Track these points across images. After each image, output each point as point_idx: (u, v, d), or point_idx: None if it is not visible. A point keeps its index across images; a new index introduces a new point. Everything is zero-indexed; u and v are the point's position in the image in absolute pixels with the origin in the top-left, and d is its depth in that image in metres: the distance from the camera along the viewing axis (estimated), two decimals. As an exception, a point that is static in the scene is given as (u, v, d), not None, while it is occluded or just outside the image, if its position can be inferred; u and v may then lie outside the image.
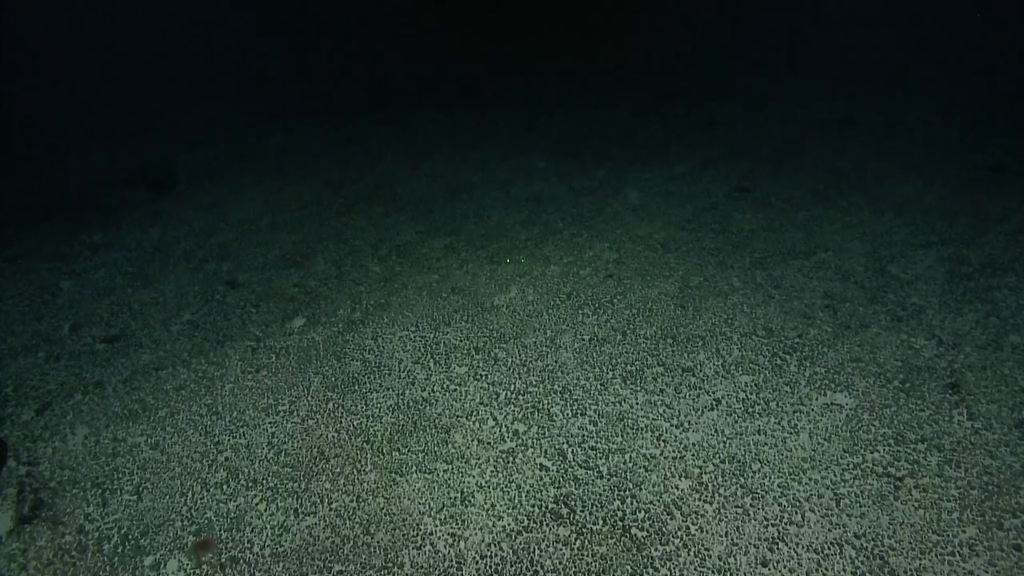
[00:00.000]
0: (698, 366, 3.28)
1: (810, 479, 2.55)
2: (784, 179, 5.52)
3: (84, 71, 11.99)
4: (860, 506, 2.40)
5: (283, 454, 2.86)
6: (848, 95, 8.10)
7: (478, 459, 2.79)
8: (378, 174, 6.36)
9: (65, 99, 10.48)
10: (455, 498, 2.60)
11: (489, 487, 2.65)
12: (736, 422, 2.89)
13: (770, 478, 2.58)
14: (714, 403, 3.02)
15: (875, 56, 9.98)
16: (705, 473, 2.64)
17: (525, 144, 7.06)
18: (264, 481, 2.72)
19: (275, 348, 3.63)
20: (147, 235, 5.19)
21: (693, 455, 2.74)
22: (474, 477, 2.70)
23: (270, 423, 3.05)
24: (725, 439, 2.81)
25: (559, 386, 3.20)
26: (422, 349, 3.53)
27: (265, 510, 2.58)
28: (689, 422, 2.93)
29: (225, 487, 2.71)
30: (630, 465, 2.72)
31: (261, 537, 2.45)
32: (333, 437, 2.94)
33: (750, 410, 2.95)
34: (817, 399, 2.96)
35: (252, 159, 7.16)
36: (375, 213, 5.41)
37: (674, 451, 2.77)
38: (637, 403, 3.06)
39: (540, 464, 2.76)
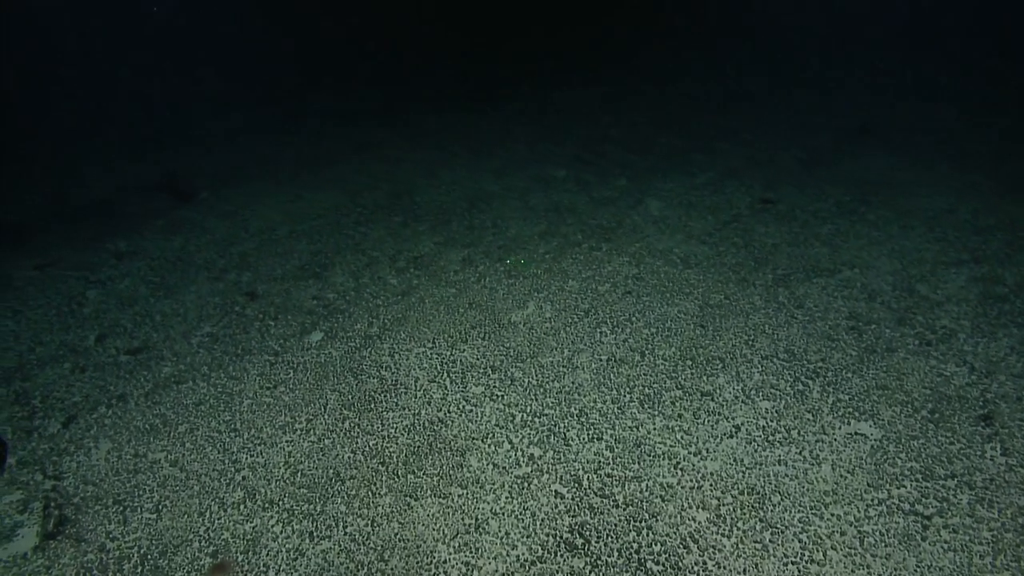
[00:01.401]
0: (717, 390, 3.22)
1: (832, 514, 2.49)
2: (809, 190, 5.40)
3: (100, 78, 12.23)
4: (885, 546, 2.34)
5: (299, 474, 2.88)
6: (874, 102, 7.90)
7: (493, 484, 2.78)
8: (396, 182, 6.37)
9: (83, 106, 10.70)
10: (469, 525, 2.59)
11: (504, 514, 2.63)
12: (756, 451, 2.83)
13: (791, 512, 2.52)
14: (733, 430, 2.97)
15: (901, 61, 9.72)
16: (723, 505, 2.59)
17: (544, 152, 7.01)
18: (280, 502, 2.74)
19: (293, 363, 3.65)
20: (170, 244, 5.27)
21: (711, 485, 2.69)
22: (489, 503, 2.69)
23: (287, 441, 3.07)
24: (744, 469, 2.75)
25: (575, 409, 3.17)
26: (439, 367, 3.53)
27: (281, 532, 2.60)
28: (707, 450, 2.88)
29: (242, 507, 2.73)
30: (646, 494, 2.68)
31: (276, 561, 2.47)
32: (349, 458, 2.95)
33: (771, 438, 2.89)
34: (840, 428, 2.89)
35: (271, 166, 7.23)
36: (393, 223, 5.42)
37: (692, 480, 2.73)
38: (654, 428, 3.02)
39: (555, 491, 2.73)
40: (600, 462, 2.86)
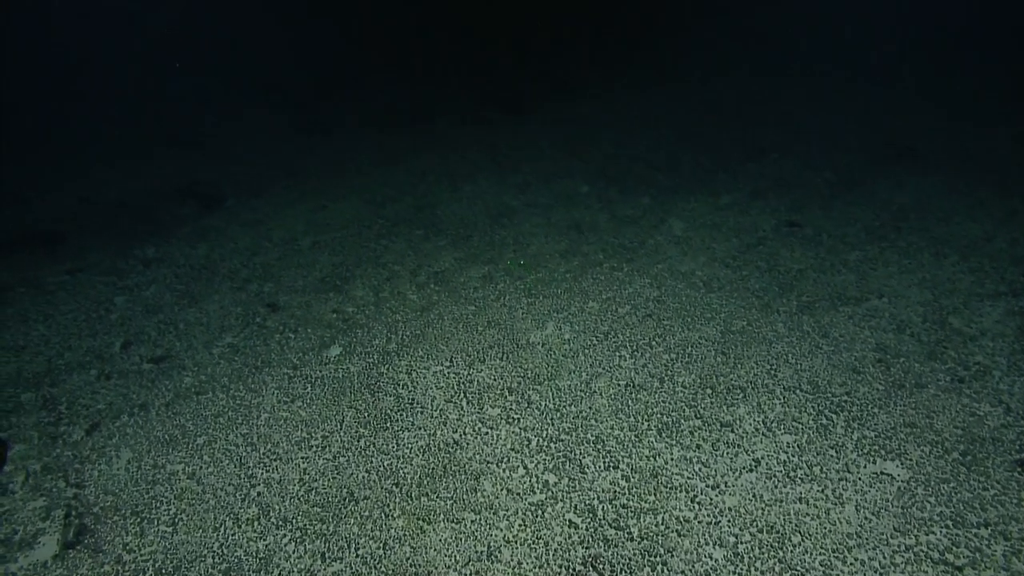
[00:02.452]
0: (737, 421, 3.15)
1: (856, 559, 2.41)
2: (837, 214, 5.29)
3: (125, 84, 12.57)
4: (911, 596, 2.25)
5: (313, 492, 2.88)
6: (911, 122, 7.72)
7: (506, 510, 2.75)
8: (419, 195, 6.41)
9: (107, 111, 11.01)
10: (482, 552, 2.57)
11: (516, 542, 2.60)
12: (776, 487, 2.76)
13: (811, 554, 2.44)
14: (753, 464, 2.89)
15: (939, 81, 9.49)
16: (741, 543, 2.52)
17: (568, 167, 7.00)
18: (294, 520, 2.75)
19: (311, 377, 3.67)
20: (195, 252, 5.37)
21: (729, 521, 2.63)
22: (501, 530, 2.66)
23: (302, 458, 3.08)
24: (764, 505, 2.68)
25: (592, 435, 3.13)
26: (455, 387, 3.52)
27: (293, 552, 2.60)
28: (726, 483, 2.81)
29: (256, 524, 2.74)
30: (662, 528, 2.63)
31: (288, 582, 2.47)
32: (363, 477, 2.94)
33: (792, 474, 2.82)
34: (865, 467, 2.80)
35: (296, 175, 7.33)
36: (415, 236, 5.44)
37: (709, 515, 2.67)
38: (672, 459, 2.96)
39: (569, 520, 2.70)
40: (616, 492, 2.81)
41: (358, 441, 3.17)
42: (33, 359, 4.11)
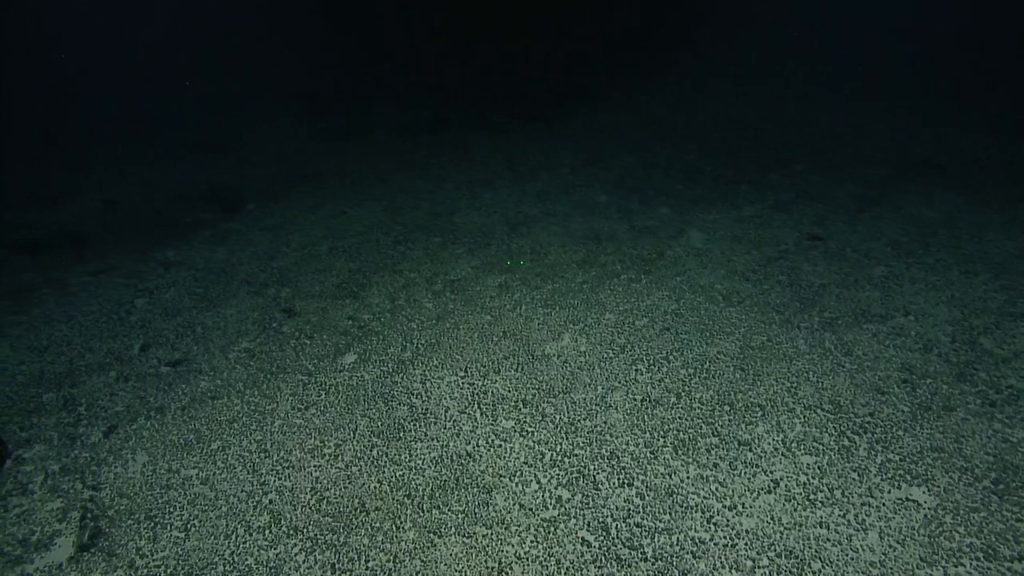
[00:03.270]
0: (756, 440, 3.08)
1: (879, 589, 2.32)
2: (862, 227, 5.17)
3: (151, 91, 12.83)
4: (937, 630, 2.16)
5: (325, 502, 2.87)
6: (941, 135, 7.55)
7: (518, 526, 2.71)
8: (437, 202, 6.42)
9: (135, 118, 11.25)
10: (492, 568, 2.53)
11: (528, 559, 2.56)
12: (796, 510, 2.68)
13: (833, 582, 2.36)
14: (772, 485, 2.82)
15: (970, 93, 9.28)
16: (759, 567, 2.45)
17: (586, 176, 6.96)
18: (305, 530, 2.73)
19: (325, 384, 3.67)
20: (214, 255, 5.42)
21: (746, 544, 2.56)
22: (513, 546, 2.62)
23: (315, 466, 3.07)
24: (783, 529, 2.61)
25: (607, 451, 3.08)
26: (470, 397, 3.49)
27: (303, 562, 2.59)
28: (743, 505, 2.74)
29: (267, 532, 2.74)
30: (677, 549, 2.57)
31: (297, 593, 2.46)
32: (375, 488, 2.93)
33: (812, 497, 2.74)
34: (890, 492, 2.71)
35: (315, 181, 7.40)
36: (432, 244, 5.44)
37: (726, 537, 2.60)
38: (688, 477, 2.90)
39: (582, 538, 2.65)
40: (630, 510, 2.76)
41: (371, 450, 3.16)
42: (56, 360, 4.17)
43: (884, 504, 2.65)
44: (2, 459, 3.10)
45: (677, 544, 2.58)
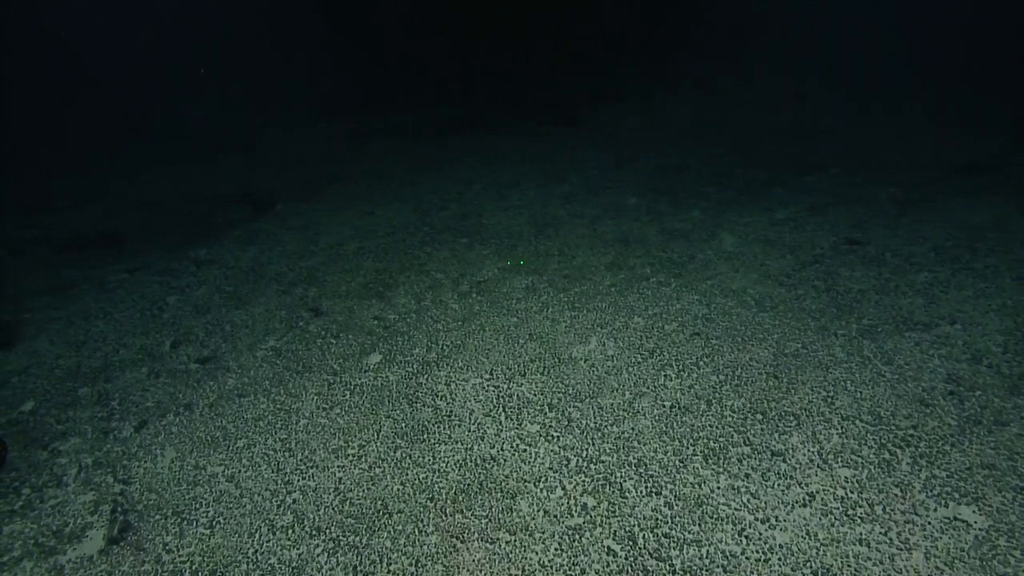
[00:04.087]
0: (790, 451, 2.96)
1: (924, 612, 2.20)
2: (903, 232, 4.97)
3: (186, 97, 13.20)
4: (988, 659, 2.03)
5: (348, 503, 2.86)
6: (987, 135, 7.24)
7: (543, 533, 2.65)
8: (464, 203, 6.41)
9: (171, 123, 11.58)
10: (515, 576, 2.47)
11: (552, 567, 2.50)
12: (833, 525, 2.56)
13: (874, 603, 2.25)
14: (807, 498, 2.70)
15: (989, 97, 8.89)
16: (795, 585, 2.34)
17: (615, 178, 6.87)
18: (327, 531, 2.72)
19: (350, 384, 3.67)
20: (244, 254, 5.50)
21: (780, 559, 2.45)
22: (537, 554, 2.56)
23: (339, 467, 3.07)
24: (819, 545, 2.49)
25: (634, 458, 3.00)
26: (495, 400, 3.45)
27: (326, 563, 2.57)
28: (777, 518, 2.63)
29: (290, 532, 2.73)
30: (707, 562, 2.47)
31: (319, 594, 2.44)
32: (398, 490, 2.90)
33: (850, 512, 2.61)
34: (936, 510, 2.57)
35: (342, 182, 7.46)
36: (459, 245, 5.42)
37: (758, 551, 2.49)
38: (719, 487, 2.80)
39: (608, 547, 2.57)
40: (658, 519, 2.68)
41: (394, 452, 3.14)
42: (92, 355, 4.27)
43: (930, 523, 2.52)
44: (2, 459, 3.15)
45: (707, 557, 2.49)
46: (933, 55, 10.89)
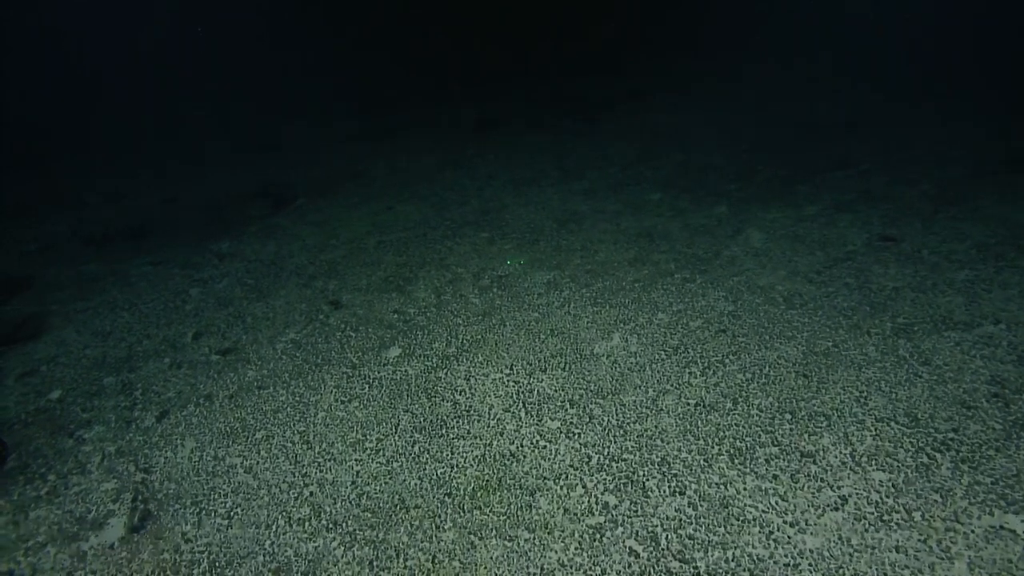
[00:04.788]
0: (821, 452, 2.85)
1: (966, 624, 2.08)
2: (940, 229, 4.78)
3: (211, 95, 13.42)
4: (1037, 676, 1.91)
5: (365, 496, 2.82)
6: (1011, 134, 6.95)
7: (562, 531, 2.58)
8: (485, 198, 6.36)
9: (197, 121, 11.78)
10: (534, 574, 2.41)
11: (571, 567, 2.43)
12: (867, 531, 2.45)
13: (911, 614, 2.14)
14: (839, 502, 2.59)
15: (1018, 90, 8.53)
16: (827, 592, 2.24)
17: (637, 175, 6.76)
18: (344, 524, 2.69)
19: (369, 378, 3.65)
20: (266, 248, 5.53)
21: (811, 565, 2.35)
22: (556, 553, 2.49)
23: (356, 460, 3.04)
24: (852, 551, 2.38)
25: (657, 456, 2.91)
26: (515, 396, 3.39)
27: (342, 557, 2.54)
28: (807, 521, 2.52)
29: (307, 524, 2.71)
30: (732, 565, 2.38)
31: (335, 588, 2.41)
32: (415, 485, 2.86)
33: (886, 518, 2.49)
34: (980, 518, 2.44)
35: (362, 178, 7.47)
36: (480, 239, 5.38)
37: (787, 556, 2.39)
38: (745, 488, 2.70)
39: (629, 548, 2.50)
40: (681, 520, 2.59)
41: (412, 446, 3.10)
42: (116, 345, 4.32)
43: (974, 531, 2.39)
44: (2, 459, 3.14)
45: (733, 560, 2.40)
46: (958, 42, 10.54)
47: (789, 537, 2.47)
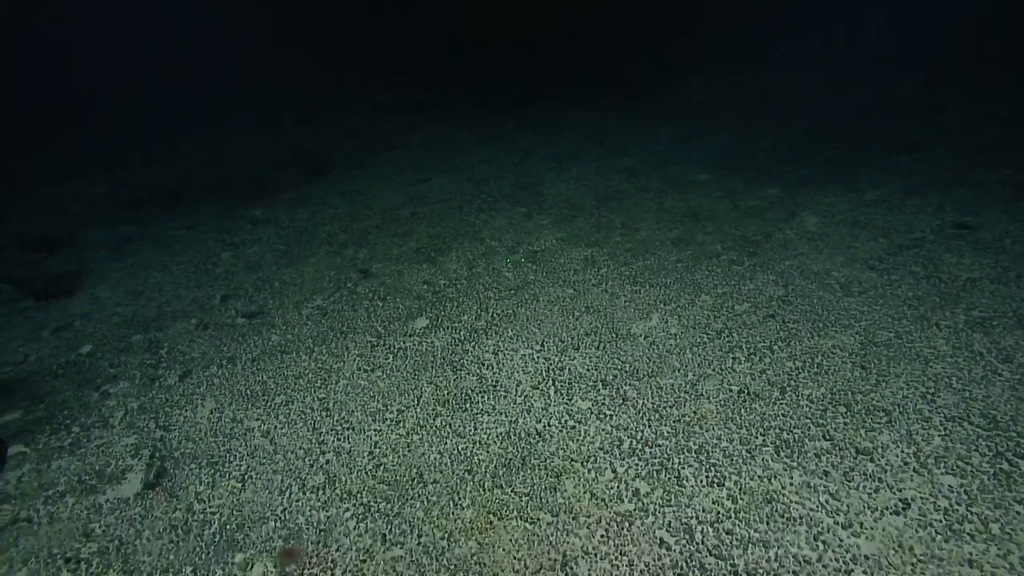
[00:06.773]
0: (879, 450, 2.57)
1: (1050, 653, 1.81)
2: None
3: (255, 71, 13.57)
4: None
5: (382, 468, 2.70)
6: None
7: (588, 517, 2.40)
8: (522, 173, 6.15)
9: (225, 91, 11.91)
10: (555, 561, 2.24)
11: (596, 556, 2.25)
12: (933, 540, 2.18)
13: (984, 636, 1.88)
14: (900, 506, 2.32)
15: None
16: (883, 604, 2.00)
17: (682, 154, 6.43)
18: (359, 495, 2.57)
19: (393, 348, 3.52)
20: (298, 215, 5.46)
21: (865, 572, 2.10)
22: (580, 539, 2.31)
23: (375, 430, 2.91)
24: (915, 560, 2.12)
25: (695, 444, 2.69)
26: (544, 373, 3.20)
27: (354, 528, 2.42)
28: (862, 524, 2.27)
29: (321, 493, 2.60)
30: (775, 566, 2.15)
31: (345, 560, 2.28)
32: (435, 459, 2.71)
33: (956, 527, 2.22)
34: (1066, 533, 2.14)
35: (399, 150, 7.35)
36: (516, 214, 5.18)
37: (837, 560, 2.15)
38: (791, 484, 2.46)
39: (660, 539, 2.29)
40: (719, 513, 2.37)
41: (434, 419, 2.95)
42: (147, 304, 4.32)
43: (1057, 547, 2.10)
44: (2, 459, 3.07)
45: (776, 560, 2.17)
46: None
47: (840, 540, 2.22)
